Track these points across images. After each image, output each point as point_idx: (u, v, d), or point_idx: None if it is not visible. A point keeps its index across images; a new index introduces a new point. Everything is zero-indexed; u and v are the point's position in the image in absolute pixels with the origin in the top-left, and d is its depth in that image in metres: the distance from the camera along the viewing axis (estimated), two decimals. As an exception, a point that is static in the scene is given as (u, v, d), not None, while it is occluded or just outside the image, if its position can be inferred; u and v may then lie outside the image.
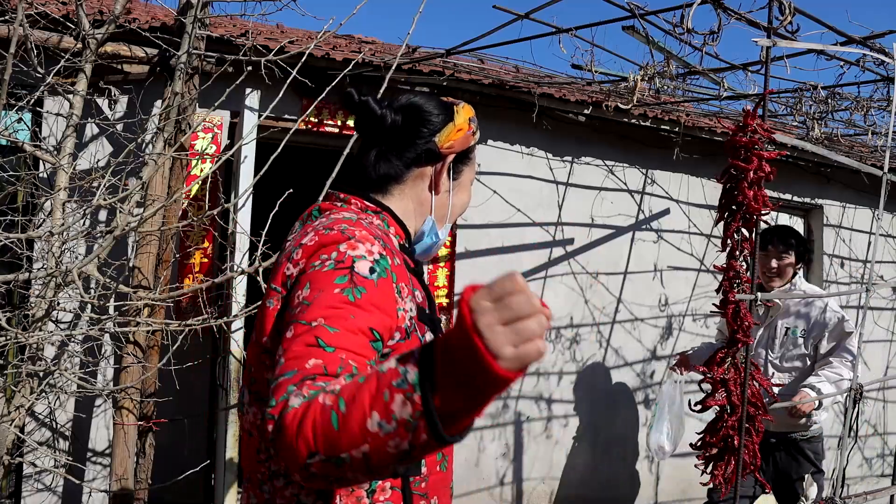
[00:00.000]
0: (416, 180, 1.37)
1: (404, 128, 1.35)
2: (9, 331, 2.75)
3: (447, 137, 1.37)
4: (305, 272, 1.15)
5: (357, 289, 1.11)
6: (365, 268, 1.14)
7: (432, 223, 1.40)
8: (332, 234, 1.18)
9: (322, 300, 1.09)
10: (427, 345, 0.89)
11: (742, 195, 2.51)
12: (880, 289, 6.21)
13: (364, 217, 1.29)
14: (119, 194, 3.00)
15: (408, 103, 1.37)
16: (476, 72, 4.57)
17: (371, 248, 1.17)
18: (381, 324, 1.13)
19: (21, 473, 3.38)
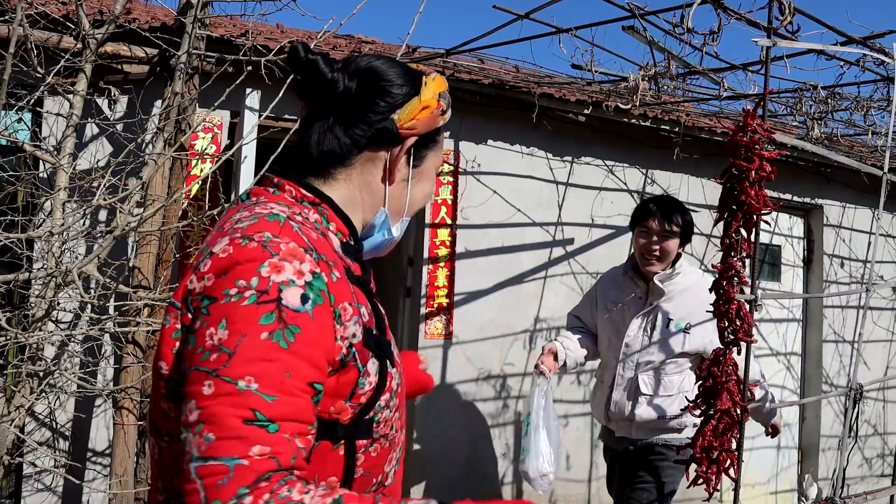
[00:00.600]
0: (366, 164, 1.13)
1: (358, 98, 1.10)
2: (9, 331, 2.75)
3: (409, 115, 1.11)
4: (217, 301, 0.92)
5: (289, 329, 0.90)
6: (295, 297, 0.92)
7: (385, 217, 1.16)
8: (250, 248, 0.94)
9: (247, 350, 0.88)
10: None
11: (745, 194, 2.50)
12: (880, 289, 6.21)
13: (298, 210, 1.06)
14: (119, 194, 3.00)
15: (366, 67, 1.12)
16: (476, 72, 4.57)
17: (301, 266, 0.94)
18: (322, 369, 0.94)
19: (21, 473, 3.38)
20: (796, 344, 6.11)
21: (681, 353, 2.91)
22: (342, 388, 0.99)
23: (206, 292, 0.93)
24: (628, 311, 3.01)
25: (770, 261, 6.01)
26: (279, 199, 1.07)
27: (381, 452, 1.06)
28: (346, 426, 1.00)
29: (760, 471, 5.76)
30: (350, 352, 0.99)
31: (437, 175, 1.23)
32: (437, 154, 1.20)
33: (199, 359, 0.90)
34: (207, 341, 0.90)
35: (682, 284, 2.95)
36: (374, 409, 1.02)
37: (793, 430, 6.07)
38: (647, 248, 2.91)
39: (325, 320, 0.95)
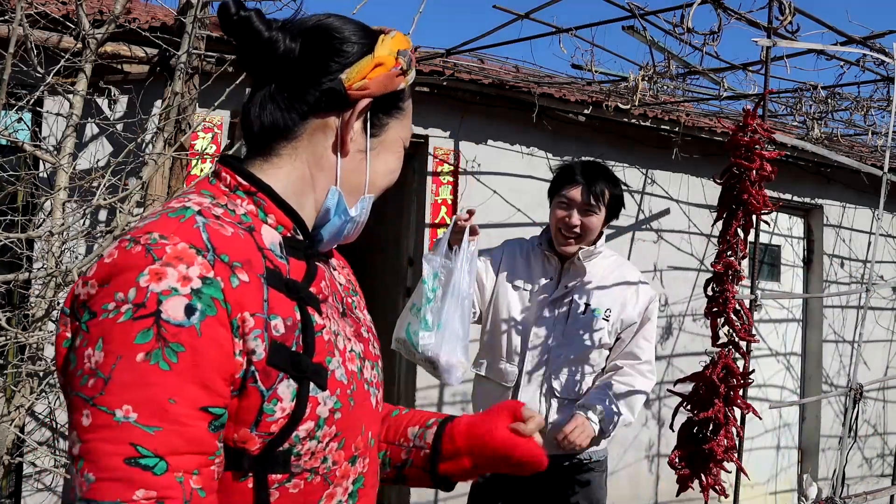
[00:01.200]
0: (314, 135, 0.97)
1: (303, 59, 0.95)
2: (9, 331, 2.75)
3: (359, 73, 0.95)
4: (96, 316, 0.79)
5: (170, 348, 0.78)
6: (178, 309, 0.79)
7: (338, 196, 0.99)
8: (133, 254, 0.81)
9: (123, 374, 0.76)
10: None
11: (746, 193, 2.50)
12: (880, 289, 6.21)
13: (227, 201, 0.93)
14: (119, 194, 3.00)
15: (313, 25, 0.97)
16: (476, 72, 4.57)
17: (188, 270, 0.80)
18: (218, 391, 0.81)
19: (21, 473, 3.38)
20: (796, 344, 6.11)
21: (599, 345, 2.44)
22: (244, 413, 0.85)
23: (88, 304, 0.81)
24: (537, 292, 2.45)
25: (770, 261, 6.01)
26: (210, 188, 0.94)
27: (309, 488, 0.92)
28: (256, 457, 0.87)
29: (760, 471, 5.76)
30: (248, 371, 0.84)
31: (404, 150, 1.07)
32: (401, 124, 1.04)
33: (79, 384, 0.79)
34: (85, 363, 0.79)
35: (601, 266, 2.52)
36: (289, 439, 0.88)
37: (793, 430, 6.07)
38: (567, 222, 2.41)
39: (217, 334, 0.81)
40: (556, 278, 2.49)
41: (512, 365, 2.46)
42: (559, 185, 2.47)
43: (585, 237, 2.44)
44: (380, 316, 5.50)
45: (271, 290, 0.88)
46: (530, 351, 2.42)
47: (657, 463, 5.24)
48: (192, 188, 0.95)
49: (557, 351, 2.42)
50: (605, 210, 2.45)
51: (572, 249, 2.44)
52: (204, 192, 0.93)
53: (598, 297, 2.46)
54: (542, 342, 2.42)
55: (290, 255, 0.94)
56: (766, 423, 5.75)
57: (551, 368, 2.41)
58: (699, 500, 2.81)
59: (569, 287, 2.46)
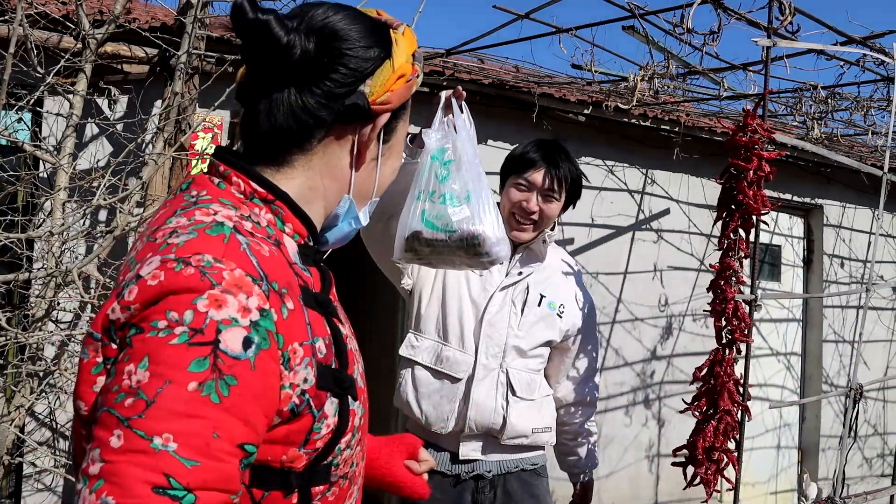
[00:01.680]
0: (329, 146, 0.94)
1: (318, 62, 0.90)
2: (9, 331, 2.76)
3: (383, 87, 0.92)
4: (143, 332, 0.75)
5: (223, 381, 0.74)
6: (237, 341, 0.75)
7: (350, 204, 0.99)
8: (185, 276, 0.77)
9: (169, 401, 0.72)
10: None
11: (742, 194, 2.51)
12: (880, 289, 6.21)
13: (248, 211, 0.89)
14: (119, 194, 3.00)
15: (321, 24, 0.91)
16: (476, 72, 4.57)
17: (248, 301, 0.77)
18: (257, 428, 0.79)
19: (21, 473, 3.38)
20: (796, 344, 6.11)
21: (547, 340, 2.21)
22: (294, 435, 0.85)
23: (132, 320, 0.77)
24: (488, 278, 2.19)
25: (770, 261, 6.01)
26: (224, 194, 0.89)
27: (341, 492, 0.93)
28: (301, 474, 0.87)
29: (760, 471, 5.76)
30: (303, 400, 0.83)
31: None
32: (405, 123, 1.02)
33: (113, 399, 0.73)
34: (125, 380, 0.73)
35: (553, 257, 2.30)
36: (332, 452, 0.89)
37: (793, 430, 6.07)
38: (525, 207, 2.15)
39: (269, 369, 0.78)
40: (508, 262, 2.19)
41: (465, 354, 2.13)
42: (518, 168, 2.20)
43: (542, 224, 2.19)
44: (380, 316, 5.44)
45: (309, 310, 0.87)
46: (485, 340, 2.13)
47: (657, 463, 5.24)
48: (205, 194, 0.89)
49: (513, 343, 2.15)
50: (565, 197, 2.20)
51: (526, 236, 2.19)
52: (223, 200, 0.88)
53: (552, 289, 2.23)
54: (496, 331, 2.14)
55: (306, 263, 0.93)
56: (766, 423, 5.75)
57: (507, 362, 2.14)
58: (699, 499, 2.81)
59: (523, 273, 2.20)
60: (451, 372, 2.13)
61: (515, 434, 2.13)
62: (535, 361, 2.20)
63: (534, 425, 2.17)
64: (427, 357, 2.15)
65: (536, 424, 2.18)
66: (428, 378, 2.15)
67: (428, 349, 2.16)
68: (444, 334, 2.15)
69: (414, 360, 2.17)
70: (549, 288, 2.22)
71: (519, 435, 2.14)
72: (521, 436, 2.15)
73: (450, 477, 2.14)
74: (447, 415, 2.10)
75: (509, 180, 2.21)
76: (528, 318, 2.17)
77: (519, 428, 2.14)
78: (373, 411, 1.10)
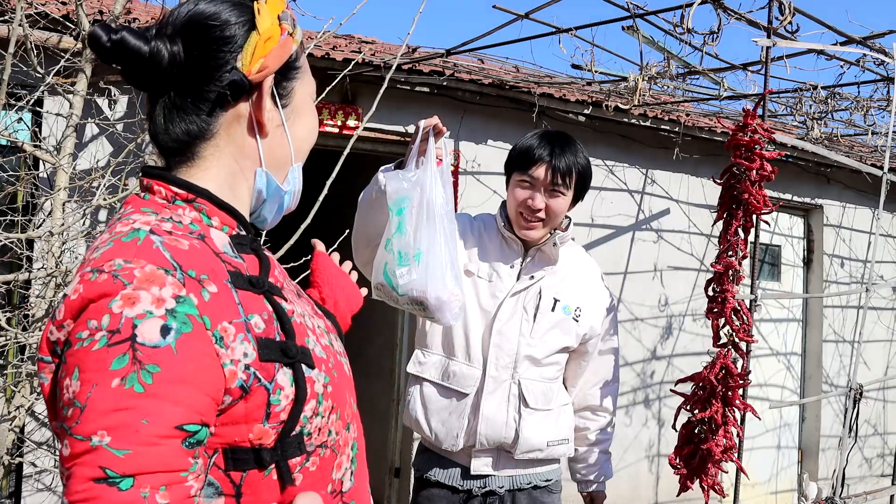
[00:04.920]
0: (231, 127, 0.97)
1: (190, 60, 0.93)
2: (9, 331, 2.76)
3: (254, 55, 0.94)
4: (72, 346, 0.80)
5: (145, 370, 0.78)
6: (153, 331, 0.79)
7: (266, 177, 1.00)
8: (100, 283, 0.81)
9: (98, 402, 0.77)
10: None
11: (746, 193, 2.50)
12: (880, 289, 6.21)
13: (170, 213, 0.92)
14: (119, 194, 3.00)
15: (186, 19, 0.94)
16: (476, 72, 4.57)
17: (161, 292, 0.81)
18: (196, 406, 0.81)
19: (21, 473, 3.38)
20: (796, 344, 6.11)
21: (564, 347, 2.12)
22: (254, 411, 0.87)
23: (67, 337, 0.81)
24: (498, 284, 2.10)
25: (770, 261, 6.01)
26: (147, 203, 0.93)
27: (324, 462, 0.96)
28: (272, 449, 0.90)
29: (760, 470, 5.76)
30: (249, 374, 0.86)
31: (315, 104, 1.08)
32: (304, 81, 1.03)
33: (61, 414, 0.80)
34: (64, 394, 0.79)
35: (568, 257, 2.19)
36: (299, 422, 0.91)
37: (793, 430, 6.08)
38: (530, 205, 2.05)
39: (196, 349, 0.81)
40: (519, 266, 2.13)
41: (472, 367, 2.06)
42: (521, 164, 2.08)
43: (550, 221, 2.09)
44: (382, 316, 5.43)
45: (240, 291, 0.90)
46: (494, 350, 2.05)
47: (657, 463, 5.24)
48: (129, 209, 0.93)
49: (525, 352, 2.06)
50: (573, 190, 2.09)
51: (536, 234, 2.09)
52: (144, 209, 0.92)
53: (567, 292, 2.12)
54: (506, 341, 2.05)
55: (241, 251, 0.96)
56: (766, 423, 5.75)
57: (520, 372, 2.05)
58: (699, 500, 2.81)
59: (535, 277, 2.10)
60: (457, 387, 2.06)
61: (529, 448, 2.06)
62: (551, 370, 2.11)
63: (549, 438, 2.09)
64: (434, 373, 2.09)
65: (552, 437, 2.10)
66: (436, 395, 2.08)
67: (435, 365, 2.10)
68: (449, 348, 2.08)
69: (421, 377, 2.11)
70: (564, 291, 2.12)
71: (533, 448, 2.07)
72: (535, 449, 2.07)
73: (461, 493, 2.07)
74: (457, 431, 2.04)
75: (513, 178, 2.12)
76: (542, 324, 2.08)
77: (533, 441, 2.06)
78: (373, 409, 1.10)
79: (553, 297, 2.10)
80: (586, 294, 2.16)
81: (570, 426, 2.18)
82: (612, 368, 2.28)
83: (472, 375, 2.05)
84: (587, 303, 2.15)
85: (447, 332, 2.09)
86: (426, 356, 2.12)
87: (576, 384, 2.23)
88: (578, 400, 2.24)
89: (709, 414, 2.49)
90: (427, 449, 2.14)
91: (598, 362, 2.24)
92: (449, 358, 2.08)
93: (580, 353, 2.18)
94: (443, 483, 2.08)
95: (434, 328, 2.11)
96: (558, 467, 2.19)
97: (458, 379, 2.06)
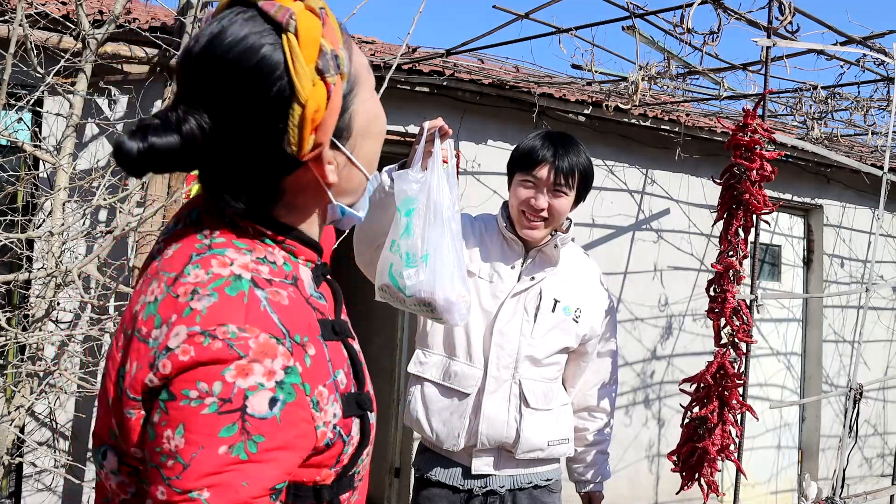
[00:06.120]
0: (298, 182, 0.91)
1: (230, 131, 0.85)
2: (9, 331, 2.76)
3: (303, 136, 0.85)
4: (175, 400, 0.80)
5: (252, 440, 0.79)
6: (262, 403, 0.80)
7: (340, 208, 0.97)
8: (214, 350, 0.80)
9: (202, 463, 0.78)
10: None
11: (747, 193, 2.50)
12: (880, 289, 6.21)
13: (263, 252, 0.89)
14: (119, 194, 3.00)
15: (209, 77, 0.83)
16: (476, 72, 4.57)
17: (272, 364, 0.81)
18: (290, 468, 0.84)
19: (21, 473, 3.38)
20: (796, 344, 6.11)
21: (563, 347, 2.13)
22: (327, 461, 0.90)
23: (166, 386, 0.81)
24: (499, 284, 2.12)
25: (770, 261, 6.01)
26: (238, 235, 0.89)
27: (361, 490, 1.01)
28: (330, 487, 0.93)
29: (761, 470, 5.76)
30: (336, 433, 0.89)
31: (377, 97, 0.98)
32: (361, 96, 0.93)
33: (158, 459, 0.81)
34: (164, 444, 0.80)
35: (568, 259, 2.20)
36: (357, 464, 0.95)
37: (793, 430, 6.08)
38: (533, 205, 2.06)
39: (297, 416, 0.83)
40: (520, 267, 2.14)
41: (473, 367, 2.07)
42: (524, 164, 2.09)
43: (552, 221, 2.10)
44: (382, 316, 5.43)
45: (328, 343, 0.90)
46: (495, 350, 2.07)
47: (657, 463, 5.24)
48: (219, 237, 0.89)
49: (526, 352, 2.08)
50: (575, 190, 2.10)
51: (538, 234, 2.10)
52: (238, 244, 0.89)
53: (567, 293, 2.14)
54: (507, 341, 2.07)
55: (317, 283, 0.96)
56: (766, 423, 5.75)
57: (520, 372, 2.07)
58: (699, 500, 2.81)
59: (534, 279, 2.11)
60: (459, 387, 2.07)
61: (530, 447, 2.07)
62: (551, 370, 2.12)
63: (549, 437, 2.11)
64: (435, 373, 2.10)
65: (552, 436, 2.12)
66: (437, 395, 2.09)
67: (436, 365, 2.10)
68: (450, 348, 2.09)
69: (422, 377, 2.11)
70: (564, 292, 2.13)
71: (534, 448, 2.08)
72: (537, 449, 2.09)
73: (462, 492, 2.09)
74: (458, 431, 2.05)
75: (516, 177, 2.12)
76: (542, 325, 2.09)
77: (534, 441, 2.07)
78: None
79: (553, 297, 2.11)
80: (586, 295, 2.17)
81: (571, 426, 2.19)
82: (611, 370, 2.29)
83: (474, 375, 2.06)
84: (587, 304, 2.16)
85: (448, 333, 2.10)
86: (427, 356, 2.12)
87: (575, 385, 2.24)
88: (577, 401, 2.26)
89: (705, 413, 2.49)
90: (427, 449, 2.15)
91: (598, 363, 2.26)
92: (450, 358, 2.09)
93: (579, 354, 2.19)
94: (444, 483, 2.10)
95: (435, 328, 2.12)
96: (559, 467, 2.19)
97: (460, 379, 2.07)
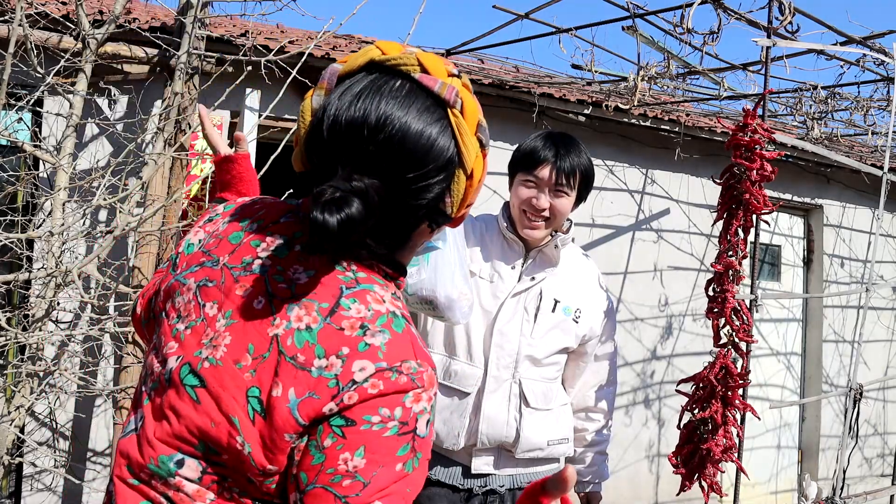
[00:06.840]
0: (419, 232, 1.03)
1: (393, 197, 0.93)
2: (9, 331, 2.76)
3: (464, 201, 1.00)
4: (356, 425, 0.89)
5: (416, 457, 0.93)
6: (425, 424, 0.94)
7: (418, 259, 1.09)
8: (400, 383, 0.91)
9: (381, 480, 0.90)
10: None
11: (747, 193, 2.50)
12: (880, 289, 6.21)
13: (392, 287, 1.01)
14: (119, 194, 3.00)
15: (388, 151, 0.91)
16: (476, 72, 4.57)
17: (431, 391, 0.95)
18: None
19: (21, 473, 3.38)
20: (796, 344, 6.11)
21: (563, 348, 2.14)
22: None
23: (343, 412, 0.90)
24: (499, 285, 2.13)
25: (770, 261, 6.01)
26: (374, 272, 0.99)
27: None
28: None
29: (761, 470, 5.76)
30: None
31: None
32: None
33: (328, 479, 0.89)
34: (340, 465, 0.89)
35: (568, 259, 2.21)
36: None
37: (793, 430, 6.08)
38: (534, 204, 2.07)
39: (432, 434, 0.98)
40: (520, 267, 2.15)
41: (473, 366, 2.08)
42: (526, 164, 2.13)
43: (554, 221, 2.10)
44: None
45: None
46: (495, 350, 2.07)
47: (657, 463, 5.24)
48: (360, 272, 0.98)
49: (526, 352, 2.08)
50: (577, 191, 2.10)
51: (539, 234, 2.10)
52: (378, 280, 0.99)
53: (567, 293, 2.14)
54: (507, 341, 2.07)
55: None
56: (766, 423, 5.75)
57: (520, 372, 2.08)
58: (699, 500, 2.81)
59: (534, 279, 2.12)
60: (459, 386, 2.07)
61: (530, 447, 2.08)
62: (550, 370, 2.13)
63: (549, 437, 2.11)
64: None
65: (552, 436, 2.12)
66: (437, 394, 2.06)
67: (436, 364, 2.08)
68: (451, 348, 2.10)
69: None
70: (564, 292, 2.13)
71: (533, 448, 2.09)
72: (536, 448, 2.09)
73: (461, 491, 2.09)
74: (458, 430, 2.05)
75: (517, 177, 2.14)
76: (542, 325, 2.09)
77: (533, 440, 2.08)
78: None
79: (553, 298, 2.11)
80: (586, 296, 2.17)
81: (570, 426, 2.19)
82: (610, 370, 2.29)
83: (474, 375, 2.07)
84: (587, 304, 2.16)
85: (448, 332, 2.10)
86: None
87: (574, 385, 2.24)
88: (577, 401, 2.25)
89: (709, 414, 2.49)
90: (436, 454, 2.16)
91: (597, 364, 2.26)
92: (450, 357, 2.09)
93: (579, 354, 2.20)
94: (443, 482, 2.09)
95: (436, 328, 2.12)
96: (558, 467, 2.18)
97: (460, 378, 2.08)
